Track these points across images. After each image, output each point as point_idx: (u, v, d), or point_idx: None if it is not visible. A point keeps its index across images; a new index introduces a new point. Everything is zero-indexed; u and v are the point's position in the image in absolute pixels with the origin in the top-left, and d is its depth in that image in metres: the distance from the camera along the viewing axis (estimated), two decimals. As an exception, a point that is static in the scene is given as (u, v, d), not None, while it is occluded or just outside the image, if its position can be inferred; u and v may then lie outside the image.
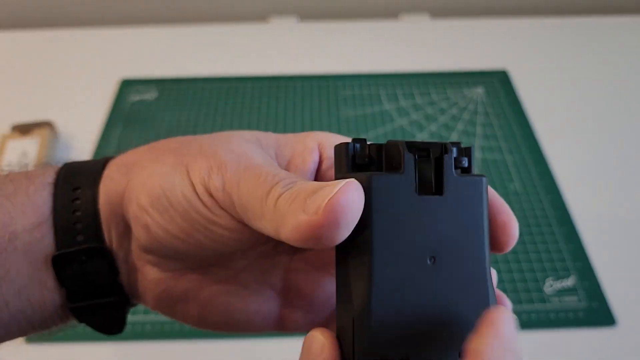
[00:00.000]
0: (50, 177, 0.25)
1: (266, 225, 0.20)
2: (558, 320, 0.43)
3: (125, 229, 0.24)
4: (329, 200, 0.17)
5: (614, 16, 0.77)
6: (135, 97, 0.65)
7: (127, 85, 0.66)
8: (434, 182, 0.19)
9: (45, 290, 0.24)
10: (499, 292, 0.21)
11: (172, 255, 0.24)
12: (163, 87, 0.66)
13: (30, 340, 0.42)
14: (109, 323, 0.26)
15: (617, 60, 0.70)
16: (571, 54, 0.71)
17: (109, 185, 0.24)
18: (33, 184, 0.24)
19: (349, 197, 0.18)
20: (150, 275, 0.24)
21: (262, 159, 0.22)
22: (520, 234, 0.49)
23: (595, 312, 0.44)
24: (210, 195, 0.22)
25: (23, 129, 0.57)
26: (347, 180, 0.18)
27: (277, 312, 0.25)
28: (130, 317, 0.43)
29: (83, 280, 0.24)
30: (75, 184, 0.24)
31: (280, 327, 0.26)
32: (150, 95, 0.65)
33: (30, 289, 0.23)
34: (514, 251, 0.48)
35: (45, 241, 0.23)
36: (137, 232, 0.23)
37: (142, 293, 0.25)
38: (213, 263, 0.25)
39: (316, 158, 0.24)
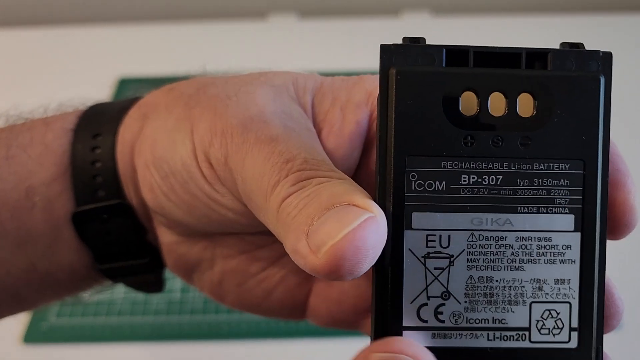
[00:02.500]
0: (71, 122, 0.22)
1: (269, 225, 0.17)
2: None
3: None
4: (331, 246, 0.14)
5: (619, 14, 0.77)
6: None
7: (124, 84, 0.66)
8: None
9: (72, 251, 0.21)
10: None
11: (180, 223, 0.21)
12: (161, 86, 0.66)
13: (28, 340, 0.42)
14: (146, 284, 0.24)
15: (621, 59, 0.70)
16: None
17: (124, 132, 0.21)
18: (52, 130, 0.21)
19: (360, 245, 0.14)
20: (165, 238, 0.22)
21: (283, 125, 0.18)
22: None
23: (598, 313, 0.43)
24: (211, 166, 0.18)
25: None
26: (366, 216, 0.14)
27: (301, 299, 0.22)
28: (130, 319, 0.43)
29: (107, 240, 0.21)
30: (96, 130, 0.21)
31: (302, 315, 0.23)
32: (149, 93, 0.65)
33: (55, 249, 0.21)
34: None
35: (65, 196, 0.21)
36: (144, 192, 0.21)
37: (164, 256, 0.22)
38: (229, 232, 0.21)
39: (364, 117, 0.19)
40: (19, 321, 0.43)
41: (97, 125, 0.21)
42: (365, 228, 0.14)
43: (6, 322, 0.43)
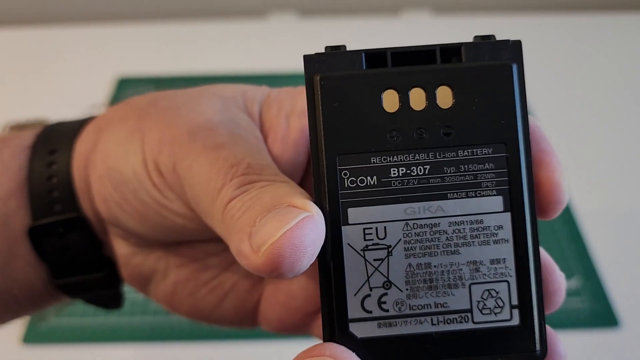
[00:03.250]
0: (28, 139, 0.22)
1: (215, 228, 0.17)
2: (561, 322, 0.43)
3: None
4: (271, 244, 0.14)
5: (619, 13, 0.76)
6: (132, 95, 0.64)
7: (123, 83, 0.66)
8: None
9: (28, 266, 0.22)
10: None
11: (134, 233, 0.21)
12: (160, 85, 0.65)
13: (27, 340, 0.42)
14: (104, 299, 0.24)
15: (622, 59, 0.70)
16: (576, 51, 0.70)
17: (80, 146, 0.21)
18: (9, 147, 0.22)
19: (298, 242, 0.14)
20: (120, 250, 0.22)
21: (229, 133, 0.19)
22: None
23: (598, 313, 0.43)
24: (160, 174, 0.19)
25: (18, 128, 0.57)
26: (303, 215, 0.15)
27: (252, 305, 0.22)
28: (128, 319, 0.43)
29: (64, 254, 0.21)
30: (52, 147, 0.22)
31: (253, 323, 0.23)
32: (148, 93, 0.65)
33: (12, 265, 0.21)
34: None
35: (21, 212, 0.21)
36: (98, 204, 0.21)
37: (120, 268, 0.23)
38: (182, 242, 0.22)
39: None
40: (19, 321, 0.43)
41: (54, 141, 0.22)
42: (303, 226, 0.15)
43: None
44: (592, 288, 0.45)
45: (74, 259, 0.22)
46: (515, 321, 0.16)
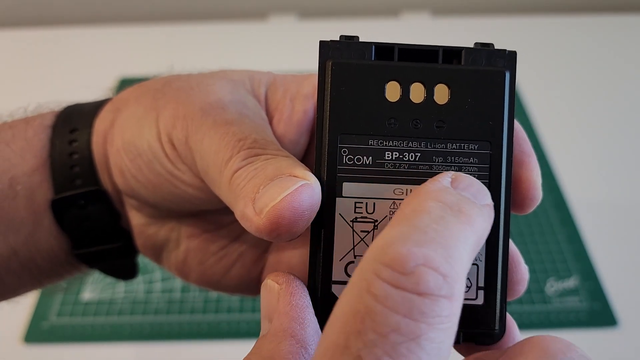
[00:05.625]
0: (49, 119, 0.24)
1: (222, 196, 0.19)
2: (559, 321, 0.43)
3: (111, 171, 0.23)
4: (272, 207, 0.16)
5: (616, 14, 0.77)
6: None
7: (125, 84, 0.66)
8: None
9: (51, 237, 0.23)
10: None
11: (148, 203, 0.23)
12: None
13: (29, 340, 0.42)
14: (120, 269, 0.25)
15: (619, 59, 0.70)
16: (573, 52, 0.71)
17: (99, 124, 0.23)
18: (32, 127, 0.23)
19: (296, 205, 0.16)
20: (134, 220, 0.24)
21: (238, 112, 0.20)
22: (522, 234, 0.49)
23: (597, 313, 0.44)
24: (173, 146, 0.20)
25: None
26: (302, 183, 0.16)
27: (256, 275, 0.24)
28: (129, 318, 0.43)
29: (84, 225, 0.23)
30: (73, 126, 0.23)
31: (257, 291, 0.24)
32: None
33: (36, 236, 0.23)
34: (515, 251, 0.48)
35: (45, 185, 0.23)
36: (115, 176, 0.22)
37: (135, 238, 0.24)
38: (193, 214, 0.23)
39: (311, 107, 0.21)
40: (20, 321, 0.43)
41: (74, 120, 0.23)
42: (302, 192, 0.16)
43: (7, 322, 0.43)
44: (591, 288, 0.45)
45: (93, 229, 0.23)
46: (480, 301, 0.17)
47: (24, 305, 0.44)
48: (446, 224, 0.14)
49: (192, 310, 0.44)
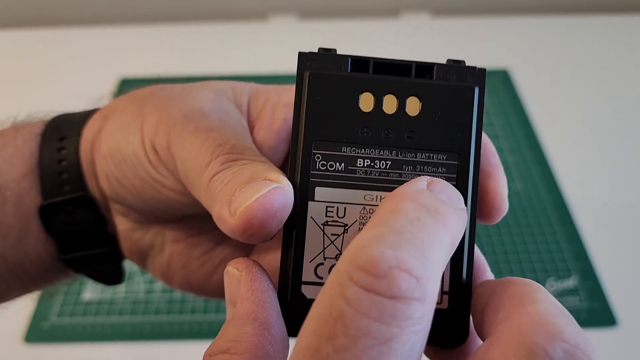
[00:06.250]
0: (38, 128, 0.24)
1: (202, 200, 0.19)
2: (559, 321, 0.43)
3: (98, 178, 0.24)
4: (245, 207, 0.17)
5: (616, 15, 0.77)
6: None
7: (126, 85, 0.66)
8: None
9: (39, 242, 0.24)
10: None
11: (133, 208, 0.23)
12: (162, 86, 0.66)
13: (29, 339, 0.42)
14: (106, 274, 0.26)
15: (619, 59, 0.70)
16: (573, 52, 0.71)
17: (87, 133, 0.24)
18: (21, 135, 0.24)
19: (268, 207, 0.17)
20: (120, 225, 0.24)
21: (219, 119, 0.21)
22: (522, 234, 0.49)
23: (596, 312, 0.44)
24: (156, 152, 0.21)
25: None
26: (274, 185, 0.17)
27: None
28: (130, 318, 0.44)
29: (71, 230, 0.24)
30: (62, 134, 0.24)
31: None
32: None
33: (24, 241, 0.23)
34: (515, 251, 0.48)
35: (33, 192, 0.23)
36: (102, 182, 0.23)
37: (120, 242, 0.25)
38: (178, 219, 0.24)
39: (291, 115, 0.22)
40: (21, 320, 0.43)
41: (63, 129, 0.24)
42: (274, 194, 0.17)
43: (7, 322, 0.43)
44: (590, 287, 0.45)
45: (80, 234, 0.24)
46: (444, 305, 0.18)
47: (25, 305, 0.44)
48: (422, 225, 0.14)
49: (193, 310, 0.44)
